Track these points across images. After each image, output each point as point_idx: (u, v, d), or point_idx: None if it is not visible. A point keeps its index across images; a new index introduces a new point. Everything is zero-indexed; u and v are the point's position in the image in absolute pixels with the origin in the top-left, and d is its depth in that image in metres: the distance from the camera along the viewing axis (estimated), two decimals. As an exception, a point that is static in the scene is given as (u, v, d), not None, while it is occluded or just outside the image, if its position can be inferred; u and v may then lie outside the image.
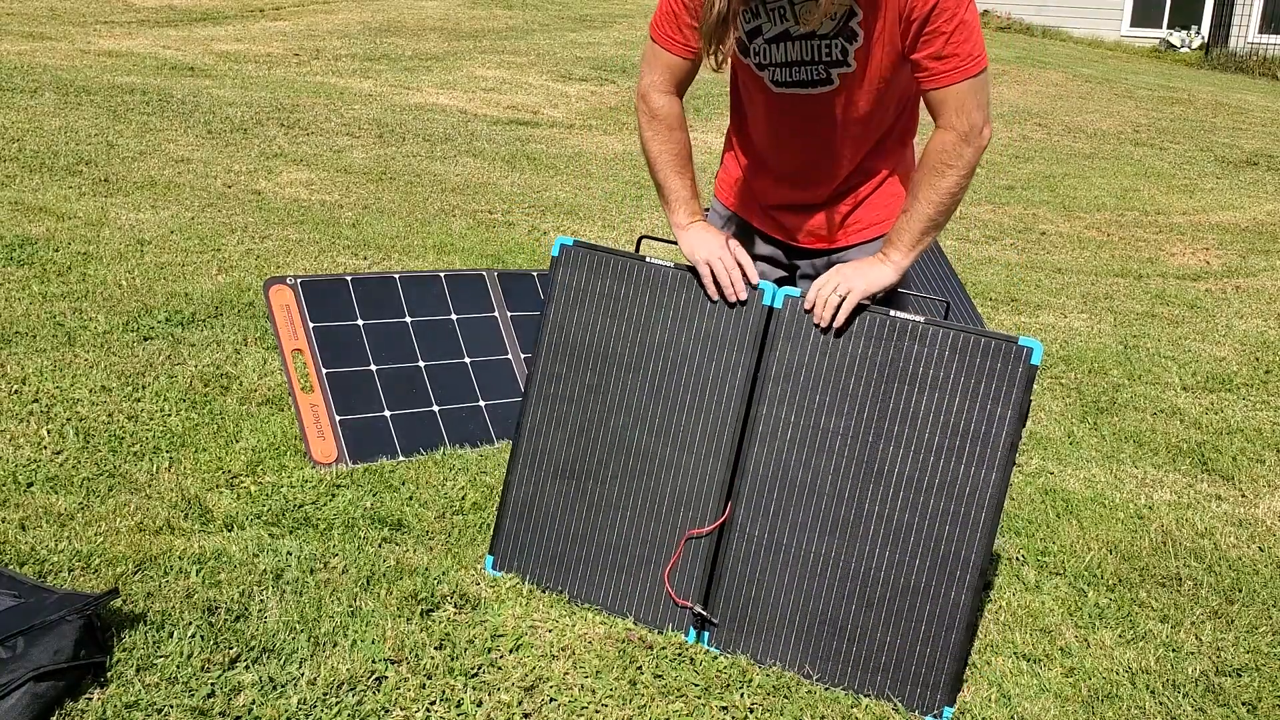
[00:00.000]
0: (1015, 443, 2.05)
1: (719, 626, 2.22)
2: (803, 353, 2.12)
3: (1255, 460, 3.49)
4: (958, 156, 2.03)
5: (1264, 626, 2.52)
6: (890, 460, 2.10)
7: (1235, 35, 15.52)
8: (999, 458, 2.05)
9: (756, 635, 2.21)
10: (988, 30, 16.24)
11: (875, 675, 2.13)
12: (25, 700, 1.84)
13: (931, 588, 2.09)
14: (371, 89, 8.72)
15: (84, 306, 3.70)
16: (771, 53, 2.12)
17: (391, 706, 2.00)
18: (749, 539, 2.19)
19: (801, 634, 2.18)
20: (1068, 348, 4.48)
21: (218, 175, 5.73)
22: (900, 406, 2.09)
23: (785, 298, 2.12)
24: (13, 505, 2.51)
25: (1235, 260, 6.27)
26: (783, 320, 2.14)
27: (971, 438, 2.06)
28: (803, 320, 2.13)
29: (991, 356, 2.04)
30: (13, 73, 7.40)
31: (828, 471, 2.14)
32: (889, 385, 2.09)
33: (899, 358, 2.08)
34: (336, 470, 2.85)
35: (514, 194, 6.21)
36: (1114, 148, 9.42)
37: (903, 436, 2.09)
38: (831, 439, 2.13)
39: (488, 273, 3.44)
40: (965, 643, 2.14)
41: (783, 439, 2.14)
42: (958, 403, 2.06)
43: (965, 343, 2.06)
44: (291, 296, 3.08)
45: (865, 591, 2.13)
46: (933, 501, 2.09)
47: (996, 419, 2.05)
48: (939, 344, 2.07)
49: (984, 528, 2.06)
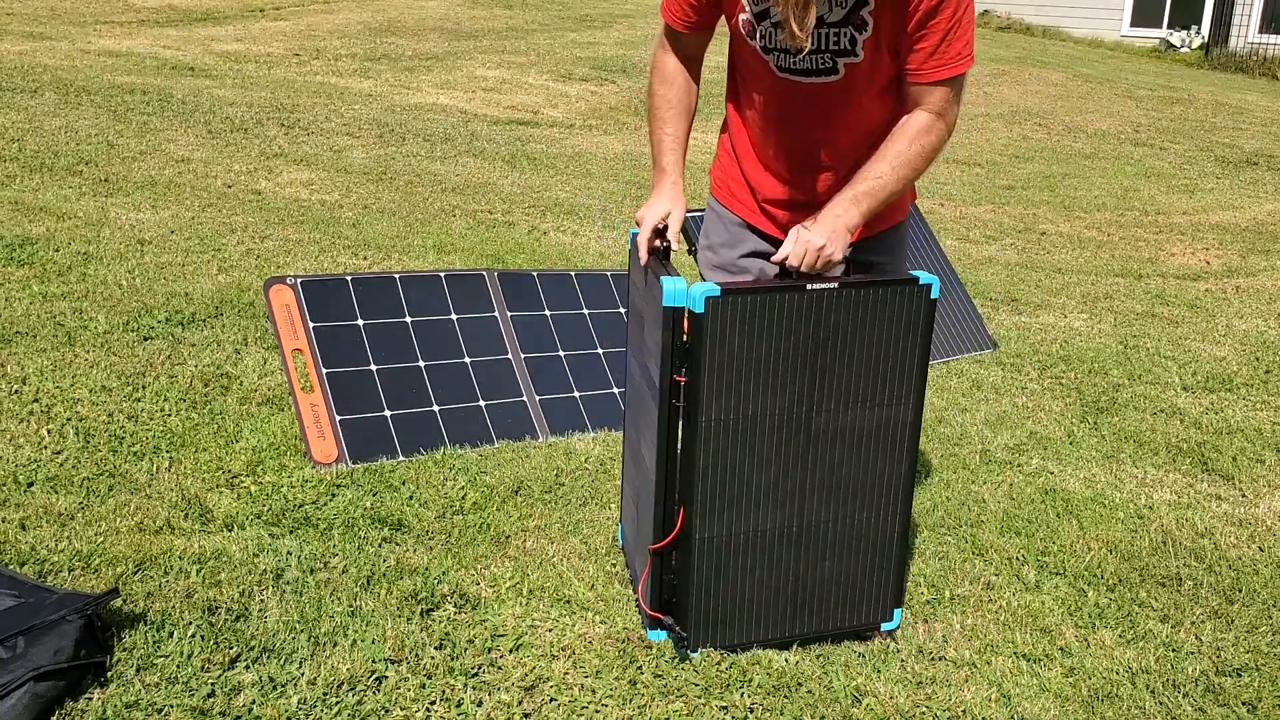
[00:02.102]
0: (925, 371, 2.19)
1: (689, 635, 2.22)
2: (731, 349, 2.07)
3: (1255, 460, 3.49)
4: (928, 132, 2.08)
5: (1264, 626, 2.52)
6: (824, 422, 2.17)
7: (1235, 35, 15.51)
8: (913, 386, 2.19)
9: (725, 627, 2.24)
10: (988, 30, 16.24)
11: (831, 614, 2.30)
12: (25, 700, 1.84)
13: (871, 522, 2.26)
14: (371, 89, 8.72)
15: (84, 306, 3.70)
16: (778, 37, 2.10)
17: (391, 706, 2.00)
18: (707, 541, 2.17)
19: (765, 608, 2.25)
20: (1068, 348, 4.48)
21: (218, 175, 5.73)
22: (827, 371, 2.14)
23: (706, 298, 2.03)
24: (13, 505, 2.51)
25: (1235, 260, 6.27)
26: (707, 321, 2.05)
27: (890, 378, 2.17)
28: (730, 317, 2.05)
29: (897, 300, 2.12)
30: (13, 73, 7.40)
31: (770, 453, 2.16)
32: (814, 356, 2.12)
33: (820, 328, 2.11)
34: (336, 470, 2.85)
35: (514, 194, 6.21)
36: (1114, 148, 9.42)
37: (833, 398, 2.16)
38: (769, 421, 2.14)
39: (488, 273, 3.44)
40: (903, 550, 2.32)
41: (723, 436, 2.12)
42: (875, 351, 2.15)
43: (875, 295, 2.12)
44: (291, 296, 3.08)
45: (814, 548, 2.25)
46: (863, 447, 2.20)
47: (907, 354, 2.17)
48: (853, 304, 2.11)
49: (907, 452, 2.23)
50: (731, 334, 2.04)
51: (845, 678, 2.20)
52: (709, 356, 2.05)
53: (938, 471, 3.23)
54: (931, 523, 2.90)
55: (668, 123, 2.28)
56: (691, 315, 2.02)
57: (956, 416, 3.67)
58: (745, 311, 2.04)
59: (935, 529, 2.86)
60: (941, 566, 2.68)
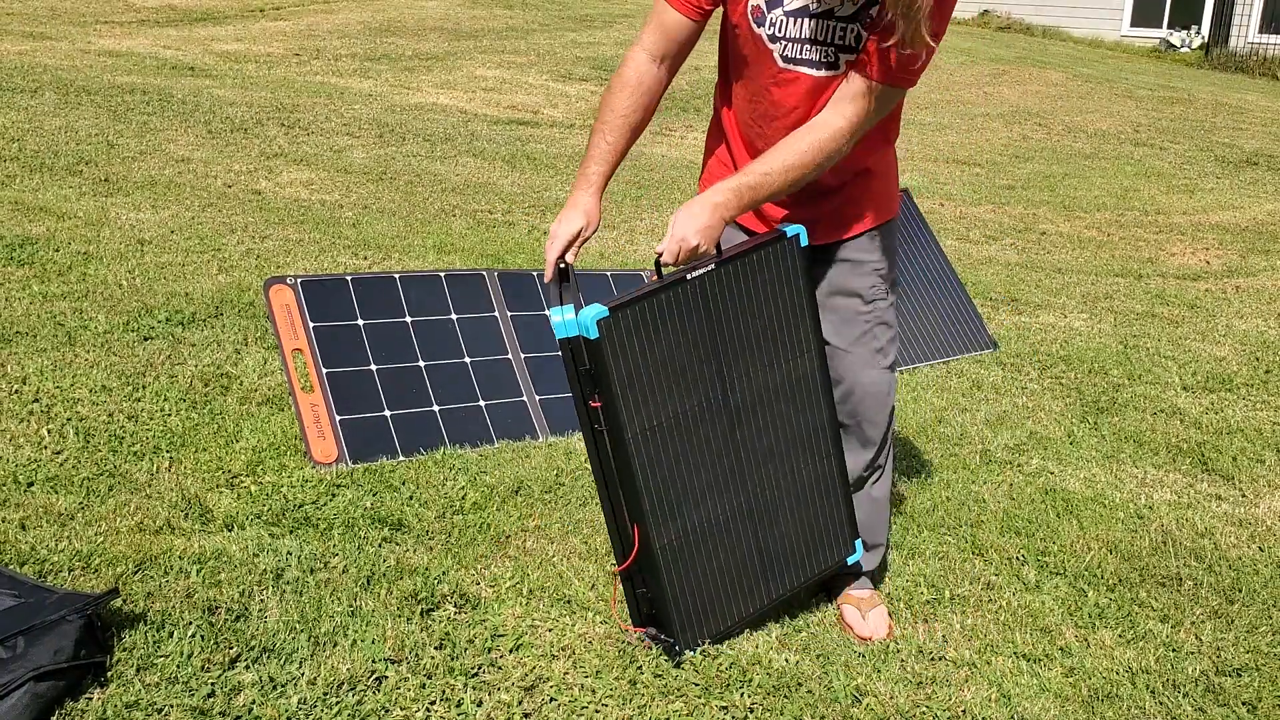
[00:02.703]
0: (816, 318, 2.26)
1: (676, 640, 2.21)
2: (635, 361, 2.06)
3: (1255, 460, 3.49)
4: (832, 140, 2.06)
5: (1264, 626, 2.52)
6: (740, 397, 2.21)
7: (1235, 35, 15.51)
8: (809, 335, 2.26)
9: (708, 619, 2.25)
10: (988, 30, 16.25)
11: (800, 568, 2.37)
12: (25, 700, 1.84)
13: (810, 472, 2.33)
14: (371, 89, 8.72)
15: (84, 306, 3.70)
16: (788, 25, 2.09)
17: (391, 706, 2.00)
18: (668, 548, 2.17)
19: (738, 588, 2.28)
20: (1068, 348, 4.48)
21: (218, 175, 5.73)
22: (728, 347, 2.16)
23: (598, 321, 2.00)
24: (13, 505, 2.51)
25: (1235, 260, 6.27)
26: (605, 343, 2.03)
27: (787, 334, 2.23)
28: (626, 331, 2.03)
29: (771, 259, 2.17)
30: (13, 73, 7.40)
31: (701, 444, 2.17)
32: (713, 338, 2.14)
33: (711, 311, 2.12)
34: (336, 470, 2.85)
35: (514, 194, 6.21)
36: (1114, 148, 9.42)
37: (742, 371, 2.19)
38: (691, 415, 2.15)
39: (488, 273, 3.44)
40: (845, 487, 2.40)
41: (653, 444, 2.11)
42: (766, 313, 2.19)
43: (751, 262, 2.14)
44: (292, 296, 3.08)
45: (767, 515, 2.30)
46: (783, 406, 2.26)
47: (795, 307, 2.23)
48: (734, 277, 2.13)
49: (822, 398, 2.31)
50: (631, 346, 2.03)
51: (845, 678, 2.20)
52: (617, 375, 2.03)
53: (938, 471, 3.23)
54: (931, 523, 2.90)
55: (611, 131, 2.20)
56: (588, 342, 2.00)
57: (956, 416, 3.67)
58: (638, 320, 2.03)
59: (935, 529, 2.86)
60: (941, 566, 2.68)
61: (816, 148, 2.08)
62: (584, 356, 2.02)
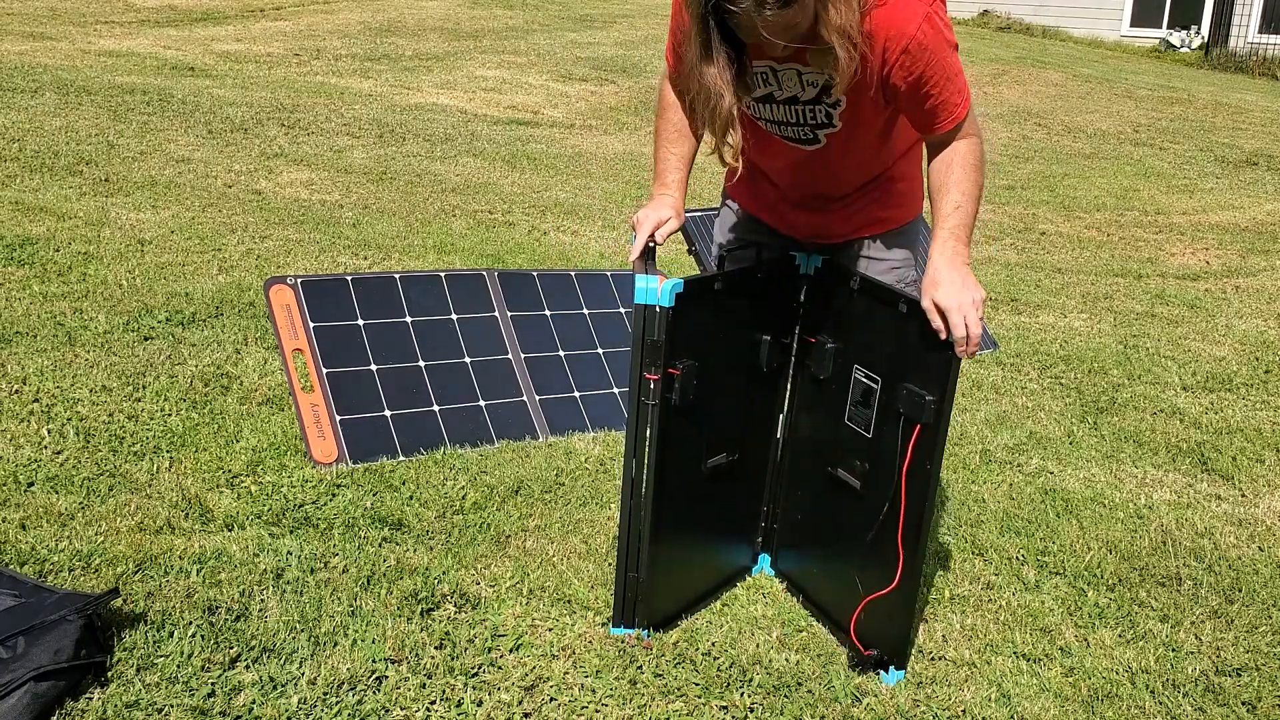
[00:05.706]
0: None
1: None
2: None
3: (1255, 460, 3.49)
4: (970, 152, 2.08)
5: (1264, 626, 2.52)
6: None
7: (1235, 35, 15.51)
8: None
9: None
10: (988, 30, 16.24)
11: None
12: (26, 700, 1.84)
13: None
14: (371, 89, 8.72)
15: (84, 306, 3.70)
16: (759, 109, 2.16)
17: (391, 706, 2.00)
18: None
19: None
20: (1068, 348, 4.48)
21: (218, 175, 5.73)
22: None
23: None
24: (13, 505, 2.51)
25: (1235, 260, 6.27)
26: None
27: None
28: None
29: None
30: (13, 73, 7.40)
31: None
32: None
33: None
34: (337, 470, 2.85)
35: (514, 194, 6.21)
36: (1114, 148, 9.42)
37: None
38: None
39: (488, 273, 3.44)
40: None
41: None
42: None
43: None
44: (292, 296, 3.08)
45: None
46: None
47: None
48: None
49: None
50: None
51: (845, 677, 2.20)
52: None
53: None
54: (931, 523, 2.90)
55: (673, 144, 2.26)
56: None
57: (956, 416, 3.67)
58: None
59: (935, 529, 2.86)
60: (941, 567, 2.68)
61: (976, 164, 2.07)
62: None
